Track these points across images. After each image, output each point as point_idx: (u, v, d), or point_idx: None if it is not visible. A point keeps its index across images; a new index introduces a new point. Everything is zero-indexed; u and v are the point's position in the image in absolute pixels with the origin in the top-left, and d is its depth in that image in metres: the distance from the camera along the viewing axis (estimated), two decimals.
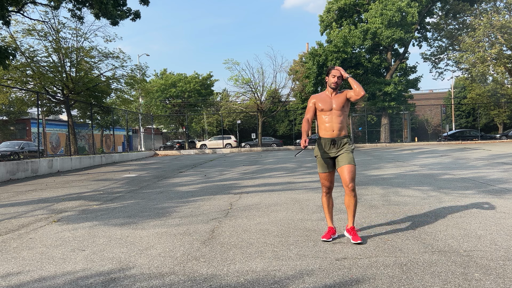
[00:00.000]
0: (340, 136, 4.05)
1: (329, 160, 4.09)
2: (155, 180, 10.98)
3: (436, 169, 10.85)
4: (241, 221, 5.18)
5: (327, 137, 4.06)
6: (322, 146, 4.08)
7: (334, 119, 4.06)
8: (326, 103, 4.09)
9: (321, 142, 4.09)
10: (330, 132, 4.05)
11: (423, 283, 2.86)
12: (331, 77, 4.08)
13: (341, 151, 4.04)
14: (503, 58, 31.76)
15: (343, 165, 3.95)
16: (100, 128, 34.36)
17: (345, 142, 4.06)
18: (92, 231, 4.91)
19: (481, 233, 4.14)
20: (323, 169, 4.10)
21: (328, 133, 4.06)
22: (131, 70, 26.96)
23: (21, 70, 22.02)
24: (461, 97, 48.98)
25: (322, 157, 4.08)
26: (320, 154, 4.10)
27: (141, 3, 15.22)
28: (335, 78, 4.06)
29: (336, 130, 4.04)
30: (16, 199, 8.18)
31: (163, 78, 42.76)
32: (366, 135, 35.96)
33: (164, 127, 51.77)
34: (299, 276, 3.10)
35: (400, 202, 6.11)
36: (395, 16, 31.52)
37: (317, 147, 4.16)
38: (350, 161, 3.96)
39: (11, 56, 12.03)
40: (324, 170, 4.10)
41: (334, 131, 4.05)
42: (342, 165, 3.96)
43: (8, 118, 34.42)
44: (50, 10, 21.47)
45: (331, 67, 4.16)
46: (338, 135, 4.05)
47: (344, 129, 4.09)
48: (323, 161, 4.08)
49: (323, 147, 4.08)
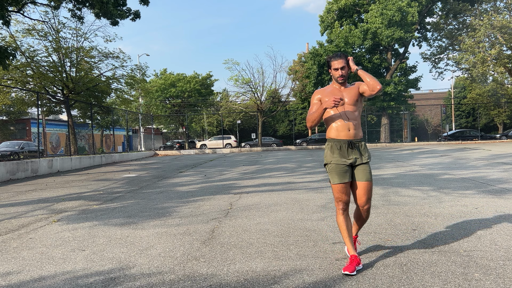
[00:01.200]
0: (358, 138, 3.30)
1: (347, 168, 3.26)
2: (155, 180, 10.97)
3: (436, 169, 10.85)
4: (241, 221, 5.17)
5: (343, 139, 3.25)
6: (337, 150, 3.26)
7: (349, 115, 3.26)
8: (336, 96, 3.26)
9: (335, 145, 3.27)
10: (346, 132, 3.24)
11: (423, 283, 2.86)
12: (333, 70, 3.33)
13: (361, 160, 3.28)
14: (503, 58, 31.76)
15: (362, 181, 3.24)
16: (100, 128, 34.35)
17: (364, 147, 3.33)
18: (92, 231, 4.91)
19: (481, 233, 4.14)
20: (340, 179, 3.21)
21: (343, 133, 3.25)
22: (131, 70, 27.00)
23: (21, 70, 22.03)
24: (461, 97, 49.01)
25: (338, 163, 3.24)
26: (334, 160, 3.26)
27: (141, 3, 15.22)
28: (339, 71, 3.28)
29: (353, 130, 3.26)
30: (16, 199, 8.18)
31: (163, 78, 42.77)
32: (366, 135, 35.93)
33: (164, 127, 51.77)
34: (299, 276, 3.10)
35: (400, 202, 6.11)
36: (395, 16, 31.53)
37: (328, 152, 3.32)
38: (368, 177, 3.26)
39: (11, 56, 12.02)
40: (342, 179, 3.22)
41: (351, 131, 3.25)
42: (361, 181, 3.25)
43: (8, 118, 34.41)
44: (50, 10, 21.48)
45: (330, 57, 3.34)
46: (356, 136, 3.28)
47: (361, 129, 3.33)
48: (340, 168, 3.23)
49: (338, 151, 3.26)
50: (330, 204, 6.07)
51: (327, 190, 7.49)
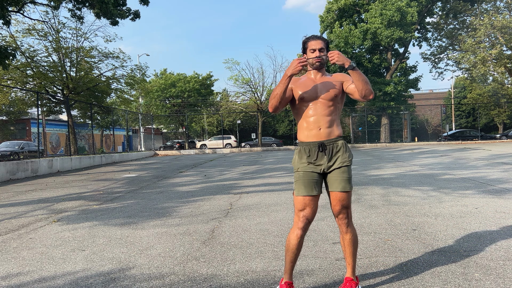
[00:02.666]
0: (331, 137, 2.69)
1: (316, 177, 2.68)
2: (155, 180, 10.97)
3: (436, 169, 10.85)
4: (241, 221, 5.17)
5: (312, 141, 2.69)
6: (306, 155, 2.70)
7: (321, 111, 2.69)
8: (309, 89, 2.72)
9: (304, 149, 2.71)
10: (316, 131, 2.68)
11: (423, 283, 2.86)
12: (309, 52, 2.72)
13: (335, 164, 2.68)
14: (504, 58, 31.77)
15: (336, 192, 2.68)
16: (100, 128, 34.36)
17: (339, 148, 2.70)
18: (92, 231, 4.91)
19: (481, 233, 4.14)
20: (307, 191, 2.63)
21: (313, 133, 2.69)
22: (131, 70, 27.02)
23: (21, 70, 22.04)
24: (461, 97, 49.01)
25: (306, 171, 2.67)
26: (302, 167, 2.68)
27: (141, 3, 15.24)
28: (316, 51, 2.69)
29: (324, 128, 2.68)
30: (16, 199, 8.18)
31: (163, 78, 42.78)
32: (366, 135, 35.95)
33: (164, 127, 51.77)
34: (299, 276, 3.10)
35: (400, 202, 6.11)
36: (395, 16, 31.54)
37: (296, 157, 2.75)
38: (344, 186, 2.66)
39: (11, 56, 12.04)
40: (308, 191, 2.63)
41: (322, 130, 2.68)
42: (335, 191, 2.68)
43: (8, 118, 34.41)
44: (50, 10, 21.51)
45: (307, 38, 2.75)
46: (328, 136, 2.69)
47: (337, 128, 2.73)
48: (307, 177, 2.66)
49: (307, 156, 2.69)
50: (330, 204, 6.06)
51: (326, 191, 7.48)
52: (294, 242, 2.64)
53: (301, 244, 2.67)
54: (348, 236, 2.71)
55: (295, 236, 2.64)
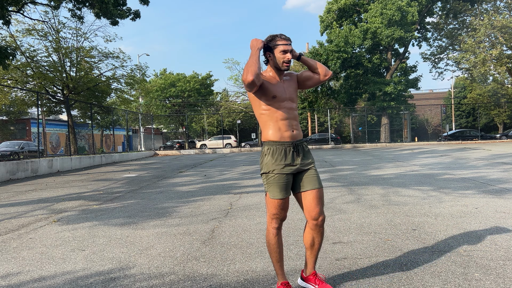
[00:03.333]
0: (300, 138, 2.77)
1: (290, 178, 2.67)
2: (155, 180, 10.98)
3: (436, 169, 10.85)
4: (241, 221, 5.17)
5: (287, 141, 2.67)
6: (281, 155, 2.65)
7: (292, 111, 2.73)
8: (279, 88, 2.71)
9: (278, 149, 2.66)
10: (289, 132, 2.68)
11: (423, 283, 2.86)
12: (279, 52, 2.66)
13: (305, 165, 2.71)
14: (504, 58, 31.77)
15: (311, 189, 2.66)
16: (100, 128, 34.36)
17: (307, 150, 2.79)
18: (92, 231, 4.91)
19: (481, 233, 4.14)
20: (282, 193, 2.64)
21: (287, 133, 2.67)
22: (131, 70, 27.03)
23: (21, 70, 22.04)
24: (461, 97, 49.00)
25: (282, 173, 2.63)
26: (277, 169, 2.63)
27: (141, 3, 15.24)
28: (288, 54, 2.67)
29: (296, 130, 2.73)
30: (16, 199, 8.18)
31: (162, 78, 42.78)
32: (366, 135, 35.96)
33: (164, 127, 51.77)
34: (299, 276, 3.09)
35: (400, 202, 6.11)
36: (395, 16, 31.53)
37: (269, 158, 2.66)
38: (318, 183, 2.69)
39: (11, 56, 12.05)
40: (284, 194, 2.64)
41: (294, 132, 2.71)
42: (310, 189, 2.66)
43: (8, 118, 34.42)
44: (50, 10, 21.52)
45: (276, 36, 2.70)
46: (299, 136, 2.75)
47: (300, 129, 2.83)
48: (282, 179, 2.63)
49: (282, 157, 2.65)
50: (329, 204, 6.06)
51: (326, 190, 7.49)
52: (273, 241, 2.70)
53: (281, 240, 2.75)
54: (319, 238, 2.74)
55: (272, 235, 2.71)
